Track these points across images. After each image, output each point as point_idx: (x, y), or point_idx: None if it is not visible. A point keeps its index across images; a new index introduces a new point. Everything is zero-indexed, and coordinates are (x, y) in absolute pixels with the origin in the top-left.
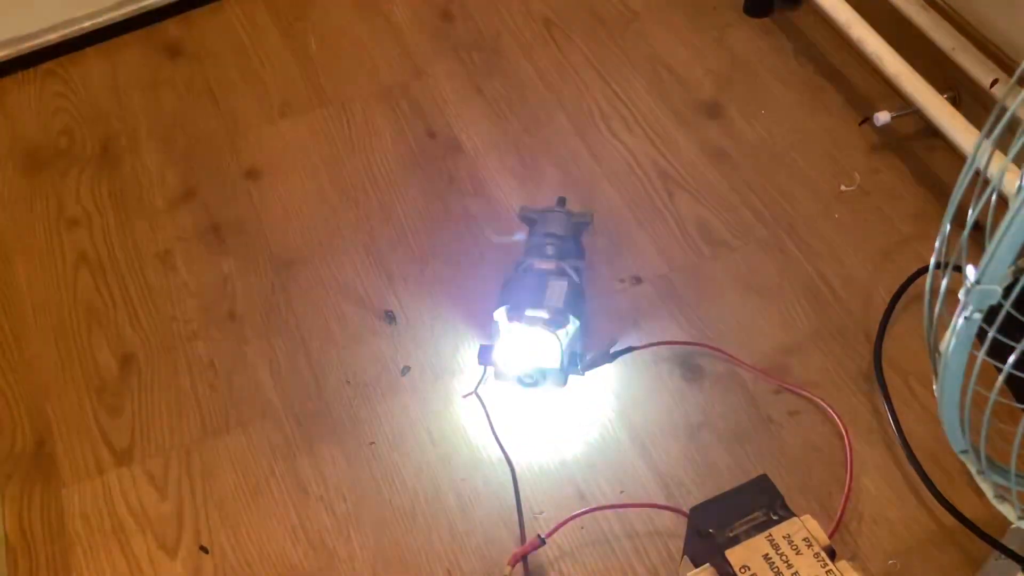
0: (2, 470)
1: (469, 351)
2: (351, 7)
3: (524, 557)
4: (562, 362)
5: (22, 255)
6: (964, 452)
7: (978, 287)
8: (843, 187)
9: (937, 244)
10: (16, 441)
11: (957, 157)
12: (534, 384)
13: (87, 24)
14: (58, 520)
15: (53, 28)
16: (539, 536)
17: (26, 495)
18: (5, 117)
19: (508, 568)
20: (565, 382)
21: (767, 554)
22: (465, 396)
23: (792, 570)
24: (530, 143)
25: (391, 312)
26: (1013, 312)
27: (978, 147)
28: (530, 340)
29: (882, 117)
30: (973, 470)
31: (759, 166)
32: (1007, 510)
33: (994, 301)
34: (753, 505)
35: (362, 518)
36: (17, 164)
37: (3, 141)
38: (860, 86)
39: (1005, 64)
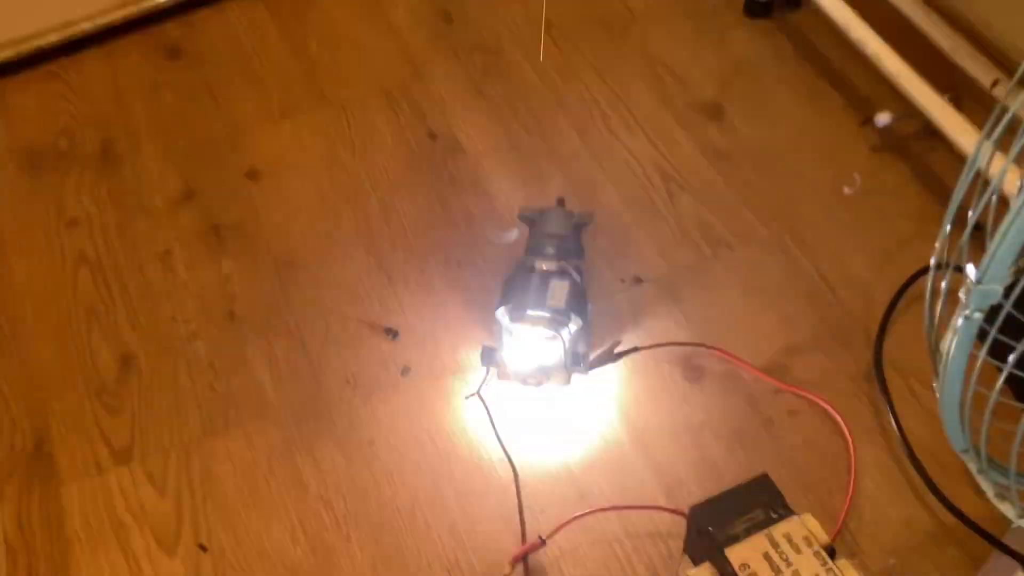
0: (1, 469)
1: (470, 351)
2: (351, 8)
3: (525, 557)
4: (566, 361)
5: (22, 255)
6: (964, 451)
7: (979, 287)
8: (845, 189)
9: (938, 244)
10: (15, 441)
11: (958, 158)
12: (537, 384)
13: (87, 25)
14: (57, 519)
15: (53, 28)
16: (540, 536)
17: (25, 494)
18: (5, 117)
19: (508, 568)
20: (569, 381)
21: (767, 552)
22: (468, 397)
23: (792, 568)
24: (530, 143)
25: (393, 329)
26: (1014, 312)
27: (979, 148)
28: (533, 340)
29: (883, 118)
30: (973, 469)
31: (760, 166)
32: (1007, 509)
33: (995, 301)
34: (753, 504)
35: (362, 518)
36: (17, 164)
37: (3, 141)
38: (861, 87)
39: (1005, 64)
